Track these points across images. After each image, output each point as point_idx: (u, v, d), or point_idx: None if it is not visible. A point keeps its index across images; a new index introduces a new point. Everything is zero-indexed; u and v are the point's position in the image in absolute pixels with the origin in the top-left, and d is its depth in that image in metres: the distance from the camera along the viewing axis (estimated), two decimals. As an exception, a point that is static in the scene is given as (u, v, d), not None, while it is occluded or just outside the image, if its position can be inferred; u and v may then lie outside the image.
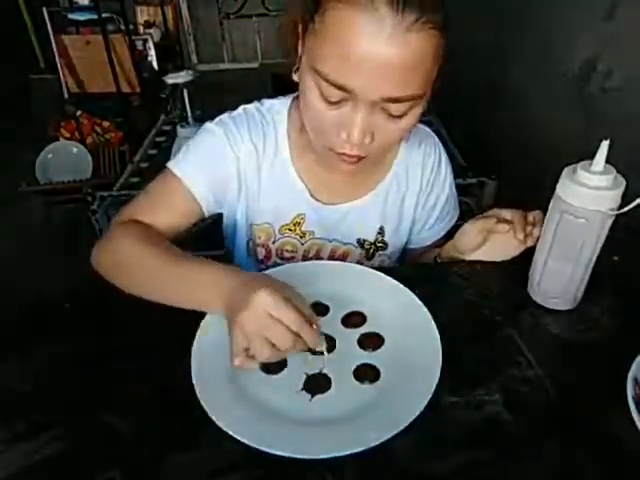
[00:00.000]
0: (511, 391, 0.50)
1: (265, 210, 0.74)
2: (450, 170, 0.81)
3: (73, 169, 2.56)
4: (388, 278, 0.63)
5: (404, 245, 0.84)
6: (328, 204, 0.74)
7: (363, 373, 0.52)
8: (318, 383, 0.51)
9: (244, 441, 0.43)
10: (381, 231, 0.78)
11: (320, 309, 0.59)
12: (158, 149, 2.17)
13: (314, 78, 0.54)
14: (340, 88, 0.52)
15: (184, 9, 4.02)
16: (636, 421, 0.45)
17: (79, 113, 2.72)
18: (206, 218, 0.71)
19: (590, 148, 0.53)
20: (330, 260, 0.76)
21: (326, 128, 0.58)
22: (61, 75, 2.81)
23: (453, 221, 0.84)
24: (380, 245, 0.80)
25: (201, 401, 0.47)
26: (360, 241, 0.78)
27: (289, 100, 0.73)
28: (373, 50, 0.48)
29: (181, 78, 2.04)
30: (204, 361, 0.51)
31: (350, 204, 0.75)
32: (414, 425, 0.45)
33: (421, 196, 0.79)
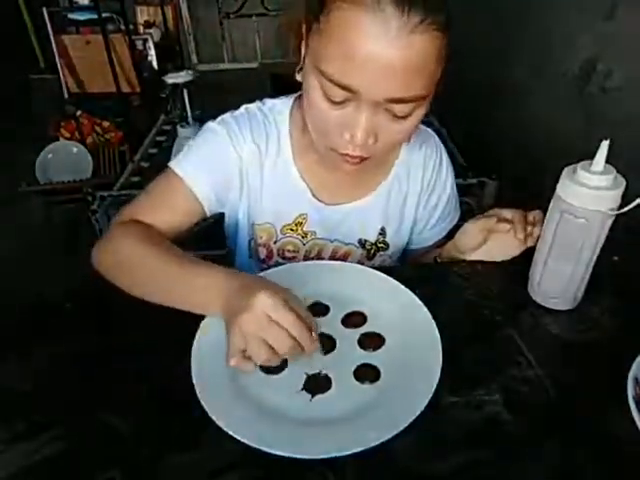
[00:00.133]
0: (511, 391, 0.50)
1: (267, 210, 0.74)
2: (451, 170, 0.81)
3: (73, 169, 2.56)
4: (388, 278, 0.63)
5: (405, 245, 0.84)
6: (330, 204, 0.74)
7: (363, 373, 0.52)
8: (318, 383, 0.51)
9: (244, 441, 0.43)
10: (382, 232, 0.78)
11: (320, 309, 0.59)
12: (158, 149, 2.17)
13: (318, 78, 0.54)
14: (344, 88, 0.52)
15: (184, 9, 4.02)
16: (636, 421, 0.45)
17: (79, 113, 2.72)
18: (208, 218, 0.71)
19: (590, 148, 0.53)
20: (331, 260, 0.76)
21: (329, 128, 0.57)
22: (61, 75, 2.81)
23: (454, 222, 0.84)
24: (381, 245, 0.80)
25: (201, 401, 0.47)
26: (361, 241, 0.78)
27: (291, 100, 0.72)
28: (378, 51, 0.48)
29: (181, 78, 2.04)
30: (204, 361, 0.51)
31: (352, 204, 0.75)
32: (414, 425, 0.45)
33: (422, 196, 0.79)
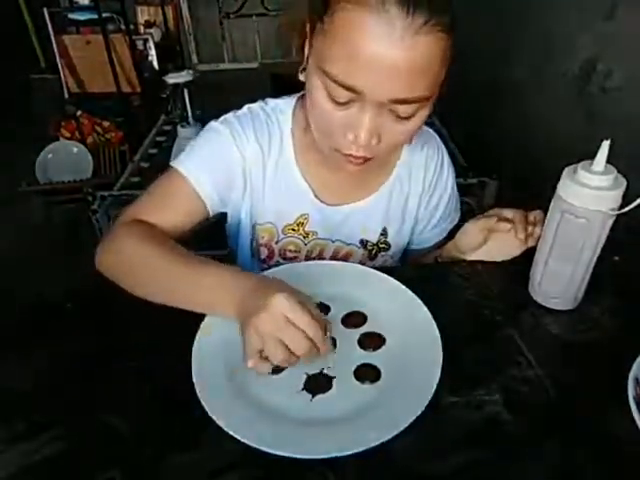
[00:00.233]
0: (511, 391, 0.50)
1: (269, 210, 0.74)
2: (452, 171, 0.81)
3: (73, 169, 2.56)
4: (389, 278, 0.63)
5: (406, 245, 0.84)
6: (331, 205, 0.74)
7: (363, 373, 0.52)
8: (319, 383, 0.51)
9: (244, 441, 0.43)
10: (384, 232, 0.78)
11: (320, 309, 0.59)
12: (158, 149, 2.17)
13: (322, 79, 0.54)
14: (348, 89, 0.52)
15: (184, 9, 4.02)
16: (636, 421, 0.45)
17: (79, 113, 2.72)
18: (210, 218, 0.70)
19: (590, 148, 0.53)
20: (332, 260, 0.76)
21: (333, 129, 0.57)
22: (61, 75, 2.80)
23: (454, 222, 0.84)
24: (383, 246, 0.80)
25: (201, 401, 0.47)
26: (363, 242, 0.78)
27: (293, 100, 0.72)
28: (382, 52, 0.48)
29: (181, 78, 2.04)
30: (204, 361, 0.51)
31: (353, 205, 0.75)
32: (414, 425, 0.45)
33: (423, 197, 0.79)
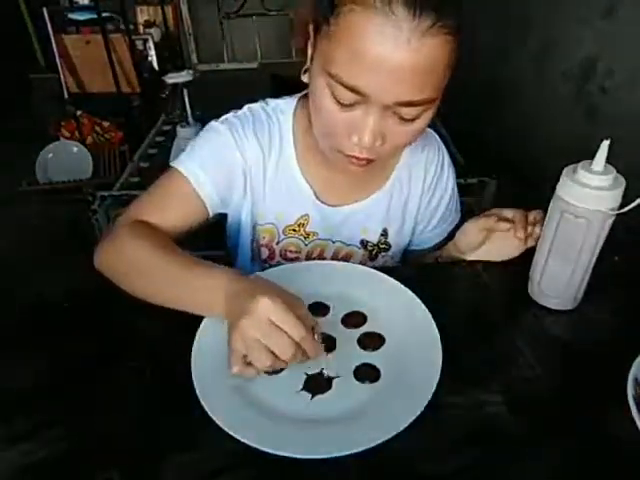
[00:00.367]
0: (511, 391, 0.50)
1: (269, 210, 0.73)
2: (452, 171, 0.81)
3: (73, 169, 2.56)
4: (388, 278, 0.63)
5: (406, 246, 0.84)
6: (332, 205, 0.74)
7: (363, 373, 0.52)
8: (318, 383, 0.51)
9: (244, 441, 0.43)
10: (384, 233, 0.78)
11: (320, 309, 0.59)
12: (158, 149, 2.17)
13: (327, 80, 0.53)
14: (353, 91, 0.52)
15: (184, 9, 4.02)
16: (636, 421, 0.45)
17: (79, 113, 2.71)
18: (210, 218, 0.70)
19: (590, 148, 0.53)
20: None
21: (337, 130, 0.57)
22: (61, 75, 2.80)
23: (455, 223, 0.84)
24: (383, 247, 0.80)
25: (201, 401, 0.47)
26: (363, 242, 0.78)
27: (294, 100, 0.72)
28: (388, 54, 0.48)
29: (181, 78, 2.03)
30: (204, 361, 0.51)
31: (354, 206, 0.75)
32: (414, 425, 0.45)
33: (424, 198, 0.79)
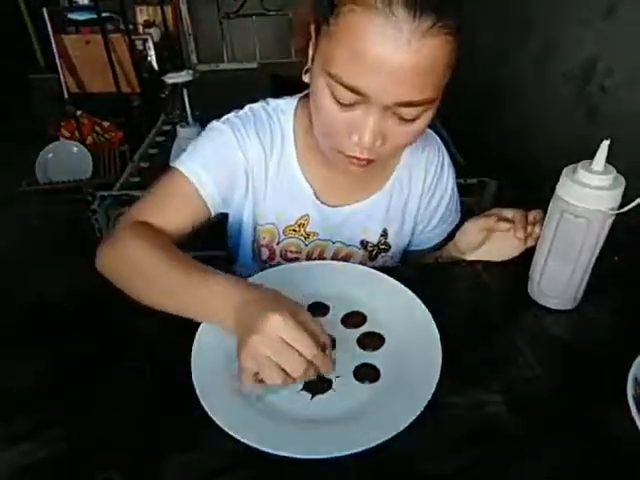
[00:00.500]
0: (511, 391, 0.50)
1: (270, 211, 0.73)
2: (452, 172, 0.81)
3: (73, 169, 2.55)
4: (388, 278, 0.63)
5: (407, 246, 0.84)
6: (332, 206, 0.74)
7: (363, 373, 0.52)
8: (318, 383, 0.51)
9: (244, 441, 0.43)
10: (384, 233, 0.78)
11: (320, 309, 0.59)
12: (158, 149, 2.17)
13: (327, 80, 0.53)
14: (354, 91, 0.52)
15: (184, 9, 4.01)
16: (636, 421, 0.45)
17: (79, 113, 2.72)
18: (212, 218, 0.70)
19: (590, 148, 0.53)
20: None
21: (337, 130, 0.57)
22: (61, 75, 2.80)
23: (455, 223, 0.84)
24: (383, 247, 0.80)
25: (201, 401, 0.47)
26: (363, 243, 0.78)
27: (295, 100, 0.72)
28: (389, 55, 0.48)
29: (181, 78, 2.03)
30: (204, 361, 0.51)
31: (354, 206, 0.75)
32: (414, 425, 0.45)
33: (423, 198, 0.79)
